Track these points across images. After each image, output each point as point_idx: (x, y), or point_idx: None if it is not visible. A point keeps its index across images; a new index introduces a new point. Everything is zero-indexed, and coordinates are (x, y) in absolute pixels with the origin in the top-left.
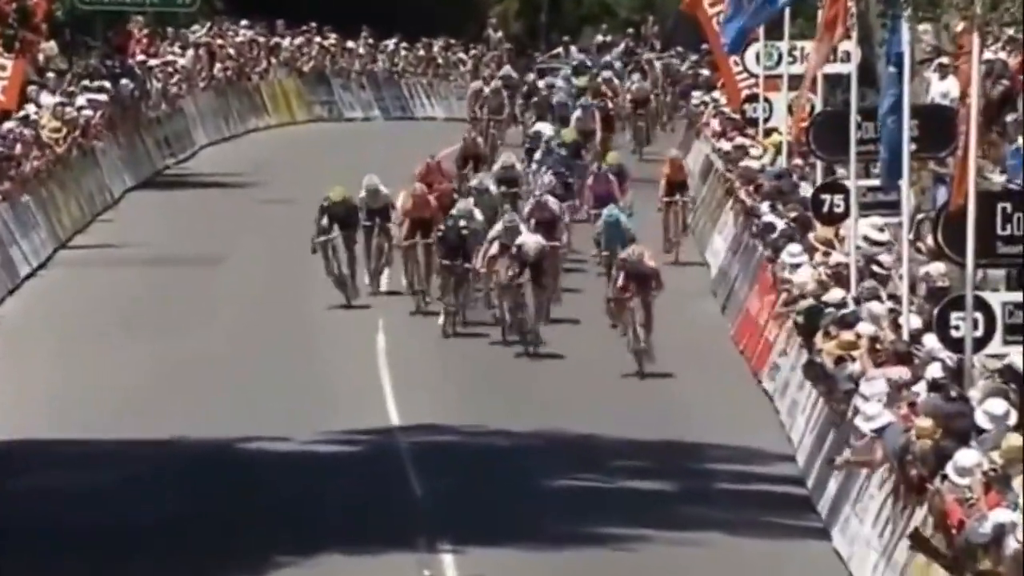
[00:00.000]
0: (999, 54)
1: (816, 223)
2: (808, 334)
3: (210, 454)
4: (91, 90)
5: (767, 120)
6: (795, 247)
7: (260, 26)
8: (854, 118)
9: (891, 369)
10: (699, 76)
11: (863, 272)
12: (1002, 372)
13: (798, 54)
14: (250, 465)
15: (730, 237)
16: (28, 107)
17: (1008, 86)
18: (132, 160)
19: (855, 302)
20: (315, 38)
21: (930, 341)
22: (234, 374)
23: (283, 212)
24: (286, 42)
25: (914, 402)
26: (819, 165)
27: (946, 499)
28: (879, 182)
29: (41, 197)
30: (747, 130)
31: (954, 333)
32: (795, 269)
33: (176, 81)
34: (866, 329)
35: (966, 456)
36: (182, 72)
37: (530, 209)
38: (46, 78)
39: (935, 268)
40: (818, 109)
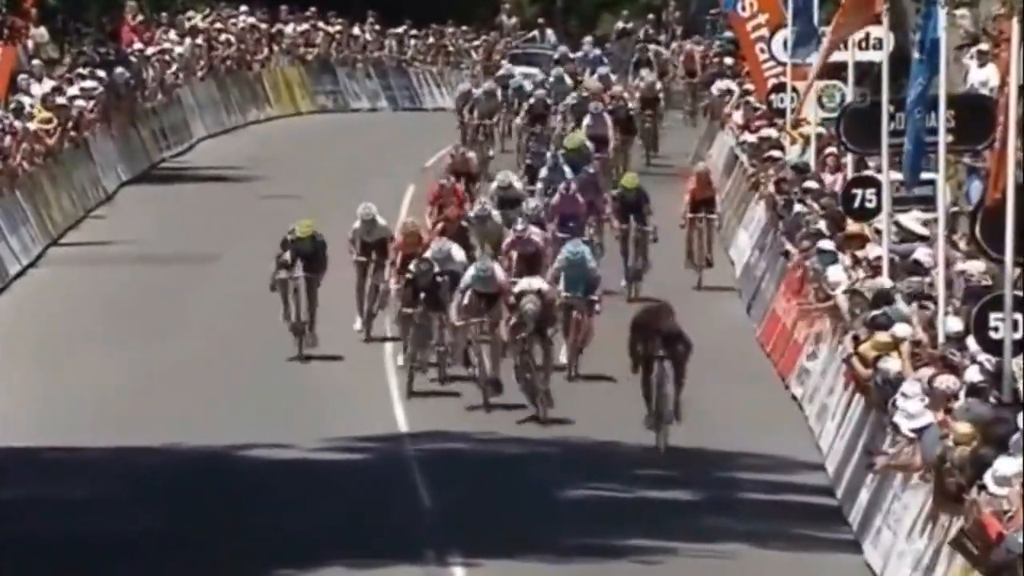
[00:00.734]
0: None
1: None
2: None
3: (207, 461)
4: (84, 78)
5: (794, 111)
6: (827, 244)
7: (261, 12)
8: (886, 109)
9: (940, 377)
10: (723, 64)
11: (897, 268)
12: None
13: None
14: (249, 473)
15: (756, 234)
16: (18, 97)
17: None
18: (127, 153)
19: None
20: (319, 24)
21: (970, 344)
22: (232, 377)
23: (285, 208)
24: (289, 29)
25: (951, 408)
26: (850, 158)
27: (983, 511)
28: (902, 177)
29: (31, 192)
30: (775, 120)
31: (993, 335)
32: (828, 267)
33: (173, 70)
34: (904, 331)
35: (1006, 464)
36: (179, 60)
37: (509, 243)
38: (33, 66)
39: (973, 266)
40: (848, 99)
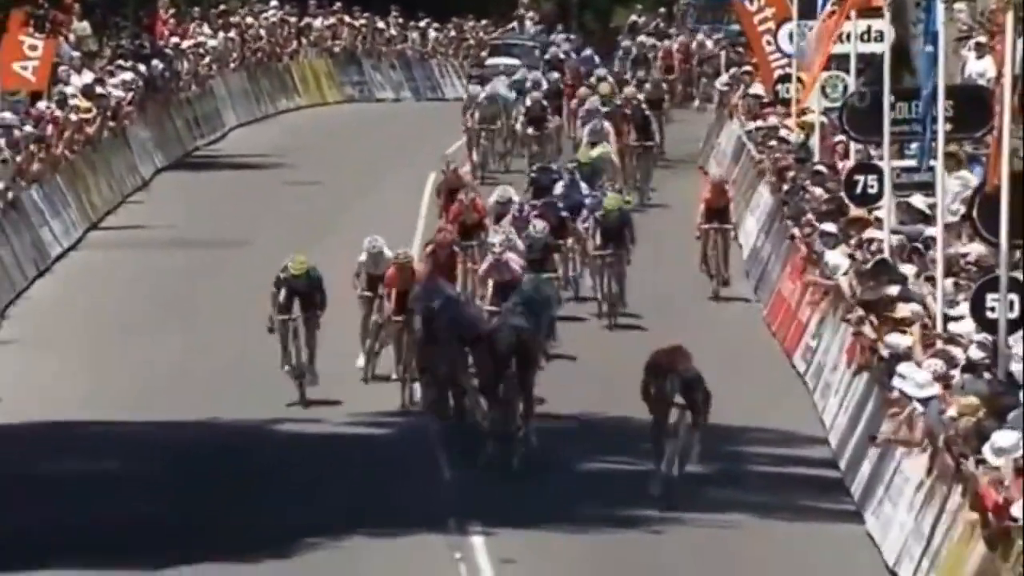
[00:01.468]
0: None
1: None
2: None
3: (239, 435)
4: (123, 70)
5: (799, 101)
6: (830, 226)
7: (290, 6)
8: (887, 98)
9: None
10: (728, 55)
11: (899, 252)
12: None
13: None
14: (278, 446)
15: (763, 218)
16: (59, 88)
17: None
18: (162, 141)
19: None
20: (345, 18)
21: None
22: (263, 356)
23: (313, 193)
24: (317, 22)
25: (949, 384)
26: (852, 146)
27: (980, 481)
28: (914, 162)
29: (72, 178)
30: (779, 109)
31: (989, 315)
32: (829, 250)
33: (207, 62)
34: (916, 310)
35: (1004, 436)
36: (212, 53)
37: (486, 269)
38: (73, 58)
39: (975, 249)
40: (851, 90)
